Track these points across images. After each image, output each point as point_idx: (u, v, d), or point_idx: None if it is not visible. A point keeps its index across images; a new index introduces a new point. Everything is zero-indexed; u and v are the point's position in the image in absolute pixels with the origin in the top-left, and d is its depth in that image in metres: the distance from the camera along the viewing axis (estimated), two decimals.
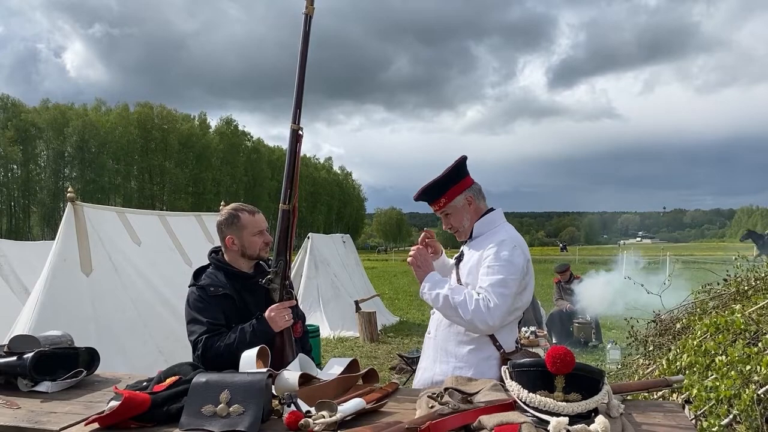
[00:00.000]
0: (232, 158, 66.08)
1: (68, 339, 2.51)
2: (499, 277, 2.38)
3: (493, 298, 2.34)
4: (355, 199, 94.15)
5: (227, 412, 1.72)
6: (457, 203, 2.60)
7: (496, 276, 2.38)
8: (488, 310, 2.32)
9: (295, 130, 2.42)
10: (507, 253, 2.43)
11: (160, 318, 5.35)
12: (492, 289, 2.36)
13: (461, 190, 2.59)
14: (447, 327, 2.59)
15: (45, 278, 4.60)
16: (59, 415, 1.92)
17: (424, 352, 2.77)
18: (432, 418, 1.65)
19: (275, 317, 2.43)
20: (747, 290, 4.53)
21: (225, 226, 2.63)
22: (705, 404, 2.98)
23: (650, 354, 4.80)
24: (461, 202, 2.60)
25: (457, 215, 2.62)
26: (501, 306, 2.34)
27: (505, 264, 2.41)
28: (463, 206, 2.60)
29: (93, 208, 5.28)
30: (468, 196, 2.60)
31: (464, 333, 2.53)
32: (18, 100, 55.72)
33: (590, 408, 1.62)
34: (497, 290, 2.35)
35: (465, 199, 2.60)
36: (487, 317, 2.33)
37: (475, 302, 2.34)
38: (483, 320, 2.33)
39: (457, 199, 2.59)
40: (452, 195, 2.58)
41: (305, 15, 2.40)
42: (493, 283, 2.37)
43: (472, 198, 2.61)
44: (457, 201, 2.59)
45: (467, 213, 2.61)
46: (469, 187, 2.61)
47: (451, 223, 2.65)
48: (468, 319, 2.35)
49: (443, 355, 2.58)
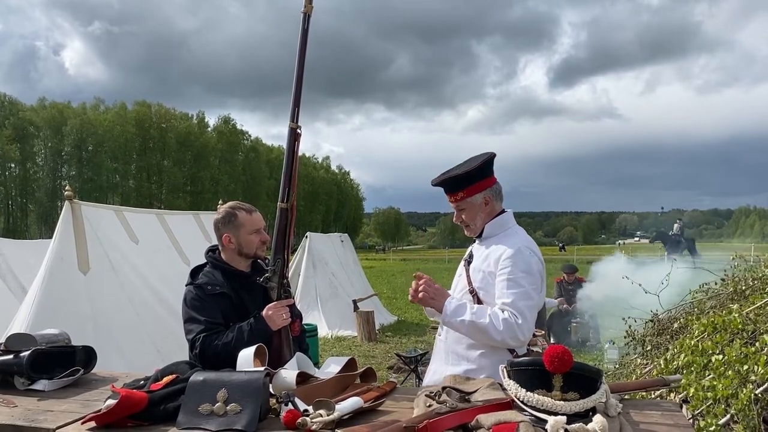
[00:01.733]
0: (231, 157, 65.93)
1: (65, 337, 2.50)
2: (521, 289, 2.36)
3: (519, 314, 2.31)
4: (353, 198, 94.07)
5: (224, 410, 1.72)
6: (474, 200, 2.55)
7: (519, 289, 2.36)
8: (518, 326, 2.30)
9: (293, 128, 2.41)
10: (525, 263, 2.41)
11: (157, 317, 5.34)
12: (517, 303, 2.33)
13: (482, 189, 2.54)
14: None
15: (42, 277, 4.59)
16: (56, 413, 1.92)
17: (435, 354, 2.75)
18: (429, 417, 1.64)
19: (273, 316, 2.43)
20: (744, 290, 4.54)
21: (222, 224, 2.63)
22: (702, 404, 2.99)
23: (648, 353, 4.81)
24: (479, 200, 2.55)
25: (471, 212, 2.57)
26: (529, 319, 2.33)
27: (525, 275, 2.39)
28: (480, 205, 2.56)
29: (91, 207, 5.28)
30: (487, 196, 2.55)
31: None
32: (15, 98, 55.68)
33: (588, 407, 1.62)
34: (522, 303, 2.33)
35: (483, 198, 2.55)
36: (518, 333, 2.30)
37: (503, 321, 2.30)
38: (515, 337, 2.31)
39: (476, 196, 2.54)
40: (472, 191, 2.53)
41: (304, 14, 2.40)
42: (517, 297, 2.34)
43: (490, 198, 2.56)
44: (475, 198, 2.55)
45: (482, 212, 2.57)
46: (491, 186, 2.57)
47: (463, 217, 2.60)
48: (500, 339, 2.31)
49: (454, 358, 2.55)
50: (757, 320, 3.51)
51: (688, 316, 4.71)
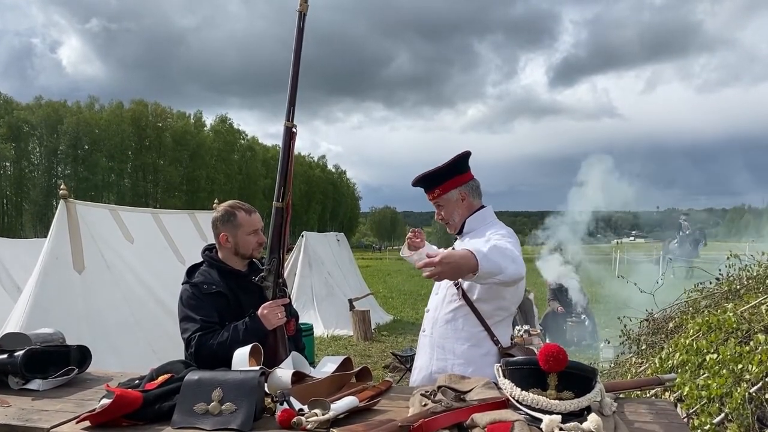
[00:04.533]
0: (227, 156, 65.88)
1: (60, 337, 2.50)
2: (504, 233, 2.43)
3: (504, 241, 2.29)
4: (349, 197, 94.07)
5: (219, 410, 1.71)
6: (450, 197, 2.62)
7: (502, 237, 2.37)
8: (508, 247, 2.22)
9: (289, 127, 2.41)
10: (507, 231, 2.49)
11: (152, 316, 5.33)
12: (499, 241, 2.29)
13: (457, 185, 2.61)
14: (444, 324, 2.59)
15: (37, 276, 4.58)
16: (50, 413, 1.91)
17: (420, 351, 2.76)
18: (425, 416, 1.64)
19: (268, 315, 2.43)
20: (739, 289, 4.55)
21: (220, 222, 2.62)
22: (697, 402, 3.00)
23: (643, 353, 4.82)
24: (455, 197, 2.61)
25: (448, 208, 2.64)
26: (513, 249, 2.22)
27: (508, 233, 2.46)
28: (456, 201, 2.62)
29: (86, 206, 5.26)
30: (462, 192, 2.61)
31: (462, 329, 2.52)
32: (11, 97, 55.43)
33: (583, 406, 1.63)
34: (506, 240, 2.33)
35: (459, 194, 2.61)
36: (511, 253, 2.17)
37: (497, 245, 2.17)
38: (515, 257, 2.17)
39: (451, 192, 2.61)
40: (447, 188, 2.60)
41: (299, 12, 2.39)
42: (500, 237, 2.36)
43: (466, 194, 2.62)
44: (450, 195, 2.61)
45: (459, 208, 2.63)
46: (466, 183, 2.63)
47: (441, 214, 2.67)
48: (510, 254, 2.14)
49: (440, 353, 2.57)
50: (751, 319, 3.52)
51: (683, 315, 4.72)
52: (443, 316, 2.60)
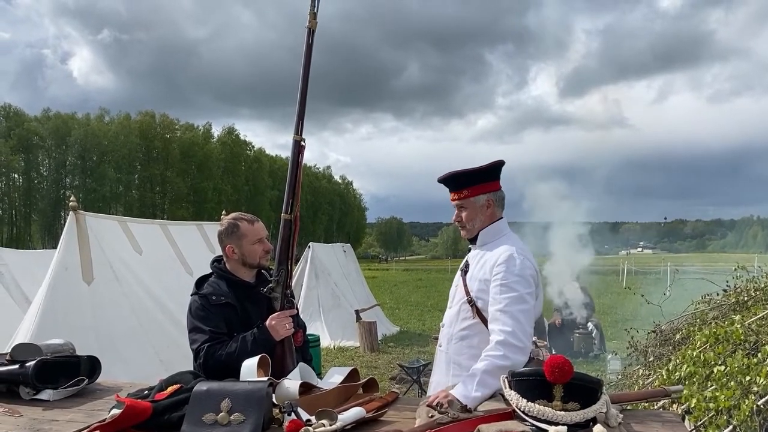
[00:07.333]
0: (234, 168, 66.23)
1: (70, 347, 2.52)
2: (515, 294, 2.34)
3: (512, 318, 2.28)
4: (355, 208, 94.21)
5: (228, 420, 1.73)
6: (477, 201, 2.56)
7: (512, 293, 2.34)
8: (511, 334, 2.24)
9: (297, 141, 2.44)
10: (518, 268, 2.40)
11: (161, 327, 5.35)
12: (509, 308, 2.30)
13: (487, 191, 2.56)
14: (459, 341, 2.57)
15: (46, 287, 4.62)
16: (61, 423, 1.93)
17: (436, 366, 2.75)
18: (431, 427, 1.66)
19: (276, 326, 2.45)
20: (747, 301, 4.54)
21: (225, 235, 2.66)
22: (704, 415, 2.99)
23: (650, 364, 4.80)
24: (481, 202, 2.56)
25: (471, 212, 2.58)
26: (523, 322, 2.28)
27: (519, 279, 2.37)
28: (482, 206, 2.57)
29: (95, 217, 5.31)
30: (490, 199, 2.57)
31: (477, 347, 2.46)
32: (20, 109, 56.04)
33: (588, 417, 1.63)
34: (516, 308, 2.30)
35: (486, 201, 2.57)
36: (515, 341, 2.23)
37: (497, 345, 2.23)
38: (516, 348, 2.23)
39: (480, 197, 2.56)
40: (477, 191, 2.55)
41: (308, 29, 2.43)
42: (510, 302, 2.32)
43: (492, 202, 2.58)
44: (478, 199, 2.56)
45: (482, 215, 2.58)
46: (495, 191, 2.59)
47: (462, 216, 2.61)
48: (510, 362, 2.20)
49: (456, 369, 2.54)
50: (759, 331, 3.50)
51: (690, 327, 4.71)
52: (458, 333, 2.57)
